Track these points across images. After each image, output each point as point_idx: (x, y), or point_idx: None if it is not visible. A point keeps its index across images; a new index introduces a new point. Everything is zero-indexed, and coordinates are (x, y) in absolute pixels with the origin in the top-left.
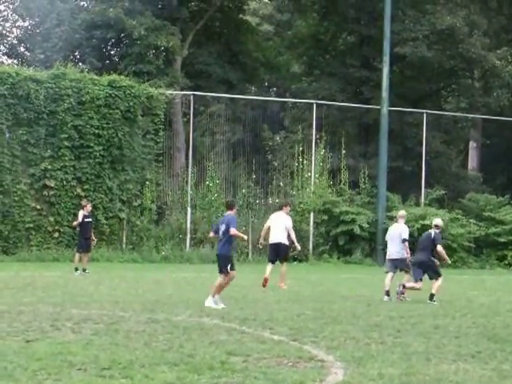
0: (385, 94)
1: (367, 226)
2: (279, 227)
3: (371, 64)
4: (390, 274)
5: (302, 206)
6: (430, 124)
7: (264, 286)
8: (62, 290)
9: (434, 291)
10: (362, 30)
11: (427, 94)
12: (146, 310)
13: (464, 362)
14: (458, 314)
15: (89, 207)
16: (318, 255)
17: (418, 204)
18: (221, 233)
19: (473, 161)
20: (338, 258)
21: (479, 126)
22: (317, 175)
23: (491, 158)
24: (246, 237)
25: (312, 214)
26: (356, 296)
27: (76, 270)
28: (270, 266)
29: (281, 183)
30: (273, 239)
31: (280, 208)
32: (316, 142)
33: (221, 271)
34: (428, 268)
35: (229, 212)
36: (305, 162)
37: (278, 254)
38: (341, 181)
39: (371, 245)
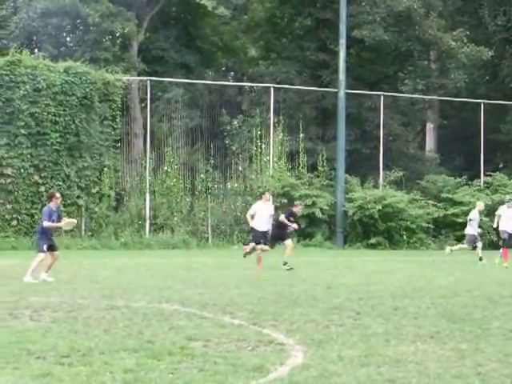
0: (342, 77)
1: (327, 208)
2: (265, 216)
3: (328, 47)
4: None
5: (261, 189)
6: (388, 106)
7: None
8: (21, 278)
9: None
10: (319, 13)
11: (384, 77)
12: (105, 296)
13: (423, 343)
14: (416, 295)
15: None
16: None
17: (376, 186)
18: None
19: (430, 142)
20: (298, 242)
21: (436, 107)
22: (275, 159)
23: (448, 139)
24: (62, 224)
25: (271, 198)
26: (315, 279)
27: None
28: (252, 245)
29: (240, 167)
30: (262, 227)
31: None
32: (274, 126)
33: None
34: None
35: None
36: (263, 145)
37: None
38: (299, 164)
39: (331, 227)
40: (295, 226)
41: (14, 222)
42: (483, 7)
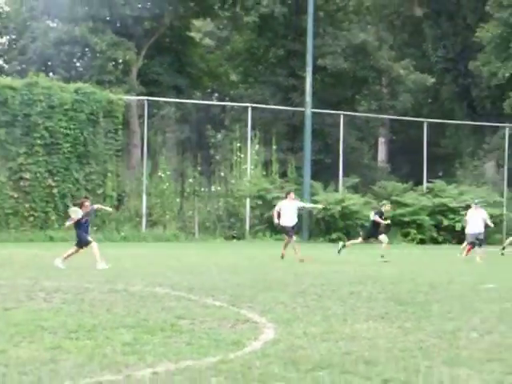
0: (308, 98)
1: None
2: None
3: (297, 73)
4: None
5: (239, 192)
6: (346, 123)
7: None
8: (36, 265)
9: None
10: (290, 45)
11: (344, 99)
12: (108, 281)
13: (374, 322)
14: (369, 282)
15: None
16: (254, 234)
17: (336, 190)
18: None
19: (382, 154)
20: (271, 236)
21: (387, 124)
22: (252, 167)
23: (397, 152)
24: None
25: (248, 200)
26: (286, 267)
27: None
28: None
29: (222, 174)
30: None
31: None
32: (251, 139)
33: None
34: None
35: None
36: (242, 155)
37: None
38: (272, 171)
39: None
40: (386, 222)
41: (31, 219)
42: (427, 41)
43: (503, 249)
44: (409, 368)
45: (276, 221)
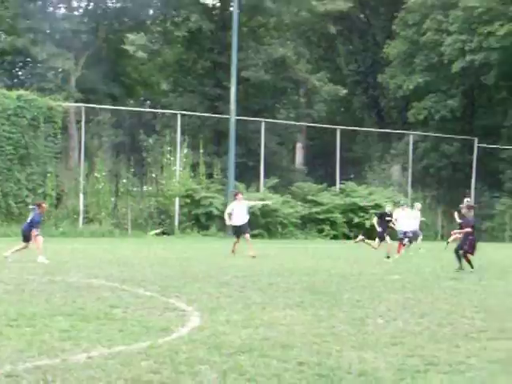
0: (233, 107)
1: (221, 207)
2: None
3: (223, 84)
4: None
5: (169, 192)
6: (267, 130)
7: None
8: None
9: None
10: (216, 57)
11: (265, 107)
12: (47, 273)
13: (291, 310)
14: (286, 274)
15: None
16: (182, 230)
17: (258, 190)
18: None
19: (299, 157)
20: (198, 232)
21: (304, 131)
22: (181, 169)
23: (313, 156)
24: None
25: (178, 199)
26: (211, 261)
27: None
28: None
29: (153, 175)
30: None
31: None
32: (180, 144)
33: None
34: None
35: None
36: (172, 158)
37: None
38: (200, 173)
39: (224, 221)
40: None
41: None
42: (340, 56)
43: (447, 243)
44: (321, 352)
45: (228, 222)
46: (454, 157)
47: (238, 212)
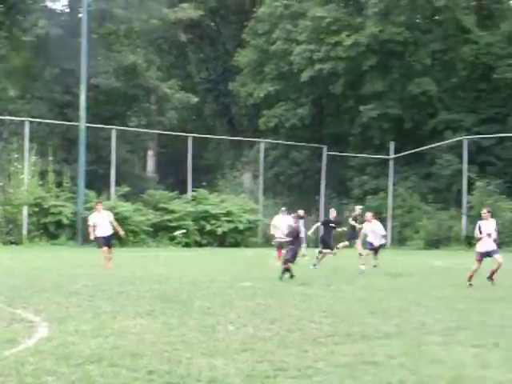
0: (82, 114)
1: (71, 215)
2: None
3: (72, 91)
4: None
5: (17, 200)
6: (118, 137)
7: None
8: None
9: None
10: (65, 64)
11: (116, 114)
12: None
13: (142, 319)
14: (138, 282)
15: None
16: (31, 239)
17: (109, 198)
18: None
19: (151, 165)
20: (47, 241)
21: (156, 138)
22: (29, 177)
23: (165, 163)
24: None
25: (26, 207)
26: (61, 270)
27: None
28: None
29: (0, 183)
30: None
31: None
32: (29, 151)
33: None
34: None
35: None
36: (19, 166)
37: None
38: (49, 181)
39: (74, 230)
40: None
41: None
42: (191, 64)
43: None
44: (172, 359)
45: (92, 236)
46: (304, 164)
47: (100, 223)
